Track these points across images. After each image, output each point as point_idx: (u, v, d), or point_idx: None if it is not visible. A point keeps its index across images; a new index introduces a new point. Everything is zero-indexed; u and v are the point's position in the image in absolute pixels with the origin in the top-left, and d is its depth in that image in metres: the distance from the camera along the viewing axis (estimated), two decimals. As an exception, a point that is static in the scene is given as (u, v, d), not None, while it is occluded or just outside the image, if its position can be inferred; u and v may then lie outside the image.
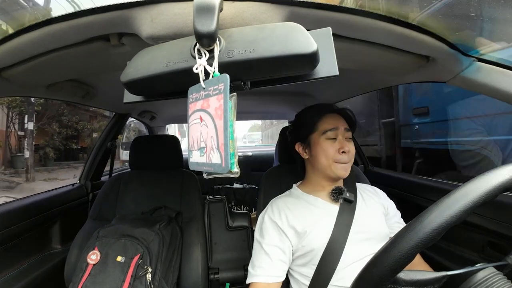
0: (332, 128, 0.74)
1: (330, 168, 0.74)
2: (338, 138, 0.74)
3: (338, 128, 0.74)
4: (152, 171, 1.19)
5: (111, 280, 0.75)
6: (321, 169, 0.76)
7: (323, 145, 0.74)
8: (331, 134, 0.74)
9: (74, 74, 0.77)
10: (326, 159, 0.74)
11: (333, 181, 0.78)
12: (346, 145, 0.73)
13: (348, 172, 0.75)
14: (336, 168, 0.73)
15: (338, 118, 0.77)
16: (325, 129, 0.75)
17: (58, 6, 0.49)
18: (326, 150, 0.73)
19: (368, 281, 0.36)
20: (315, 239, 0.70)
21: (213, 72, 0.37)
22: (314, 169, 0.80)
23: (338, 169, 0.73)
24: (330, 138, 0.74)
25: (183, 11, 0.42)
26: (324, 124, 0.75)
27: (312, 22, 0.46)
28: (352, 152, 0.74)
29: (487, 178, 0.35)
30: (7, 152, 7.60)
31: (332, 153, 0.73)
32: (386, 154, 2.53)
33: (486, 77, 0.60)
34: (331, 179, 0.78)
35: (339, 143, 0.73)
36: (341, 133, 0.75)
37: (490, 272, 0.37)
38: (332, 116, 0.77)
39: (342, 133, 0.75)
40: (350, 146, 0.74)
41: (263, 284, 0.68)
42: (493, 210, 0.74)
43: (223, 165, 0.35)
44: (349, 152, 0.73)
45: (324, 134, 0.74)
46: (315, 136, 0.76)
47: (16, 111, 7.44)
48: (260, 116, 2.82)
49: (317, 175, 0.79)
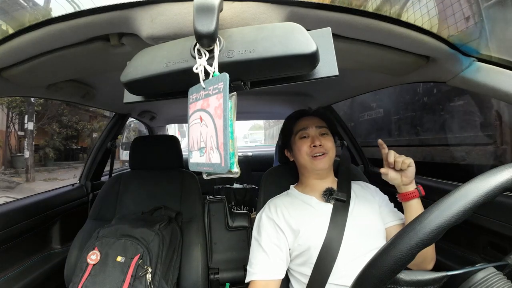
0: (303, 128, 0.83)
1: (309, 163, 0.80)
2: (310, 135, 0.82)
3: (308, 127, 0.82)
4: (152, 171, 1.19)
5: (111, 280, 0.75)
6: (303, 167, 0.83)
7: (297, 144, 0.82)
8: (302, 133, 0.83)
9: (74, 74, 0.77)
10: (302, 156, 0.81)
11: (320, 178, 0.82)
12: (317, 140, 0.79)
13: (327, 164, 0.79)
14: (313, 163, 0.79)
15: (311, 118, 0.85)
16: (298, 129, 0.84)
17: (58, 6, 0.49)
18: (300, 148, 0.81)
19: (368, 281, 0.36)
20: (310, 237, 0.71)
21: (213, 72, 0.37)
22: (300, 169, 0.87)
23: (315, 163, 0.79)
24: (302, 136, 0.82)
25: (183, 11, 0.42)
26: (297, 126, 0.85)
27: (312, 22, 0.46)
28: (327, 146, 0.80)
29: (487, 178, 0.35)
30: (7, 152, 7.61)
31: (306, 149, 0.80)
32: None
33: (486, 77, 0.60)
34: (316, 176, 0.82)
35: (310, 139, 0.81)
36: (313, 131, 0.82)
37: (490, 272, 0.37)
38: (305, 118, 0.86)
39: (314, 130, 0.82)
40: (324, 141, 0.80)
41: (262, 281, 0.69)
42: (493, 210, 0.74)
43: (223, 164, 0.35)
44: (322, 145, 0.79)
45: (297, 134, 0.83)
46: (292, 139, 0.85)
47: (16, 111, 7.45)
48: (260, 116, 2.82)
49: (304, 175, 0.85)
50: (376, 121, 2.61)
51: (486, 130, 1.58)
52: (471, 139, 1.67)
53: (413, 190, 0.72)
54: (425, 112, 2.00)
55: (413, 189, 0.72)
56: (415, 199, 0.71)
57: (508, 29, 0.71)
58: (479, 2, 0.84)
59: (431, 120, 1.95)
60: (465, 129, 1.71)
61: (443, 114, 1.84)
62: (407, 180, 0.71)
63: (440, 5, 0.82)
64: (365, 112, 2.76)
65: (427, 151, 1.97)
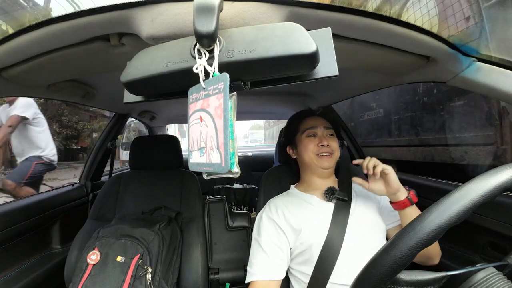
0: (311, 126, 0.83)
1: (313, 162, 0.80)
2: (317, 135, 0.82)
3: (317, 126, 0.83)
4: (152, 171, 1.19)
5: (111, 280, 0.75)
6: (307, 165, 0.83)
7: (304, 142, 0.82)
8: (310, 131, 0.83)
9: (74, 74, 0.77)
10: (308, 154, 0.81)
11: (322, 177, 0.82)
12: (325, 140, 0.80)
13: (331, 164, 0.80)
14: (318, 161, 0.79)
15: (318, 118, 0.86)
16: (305, 128, 0.84)
17: (58, 6, 0.49)
18: (307, 146, 0.81)
19: (368, 281, 0.36)
20: (311, 236, 0.71)
21: (213, 72, 0.37)
22: (303, 167, 0.87)
23: (320, 161, 0.79)
24: (310, 135, 0.83)
25: (183, 11, 0.42)
26: (305, 125, 0.85)
27: (312, 22, 0.46)
28: (333, 146, 0.81)
29: (487, 178, 0.35)
30: (7, 152, 7.60)
31: (313, 147, 0.80)
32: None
33: (486, 77, 0.60)
34: (319, 175, 0.82)
35: (318, 139, 0.81)
36: (320, 131, 0.83)
37: (490, 272, 0.37)
38: (312, 117, 0.87)
39: (322, 131, 0.83)
40: (330, 141, 0.81)
41: (262, 282, 0.69)
42: (493, 210, 0.74)
43: (223, 164, 0.35)
44: (329, 146, 0.80)
45: (305, 132, 0.83)
46: (298, 136, 0.85)
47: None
48: (260, 116, 2.82)
49: (307, 173, 0.85)
50: (376, 121, 2.60)
51: (486, 130, 1.59)
52: (471, 139, 1.67)
53: (403, 199, 0.69)
54: (425, 112, 2.00)
55: (403, 198, 0.69)
56: (408, 207, 0.69)
57: (508, 29, 0.71)
58: (479, 2, 0.84)
59: (431, 120, 1.95)
60: (465, 129, 1.71)
61: (443, 114, 1.84)
62: (392, 189, 0.69)
63: (440, 5, 0.82)
64: (365, 112, 2.75)
65: (427, 151, 1.97)
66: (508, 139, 1.47)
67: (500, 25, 0.72)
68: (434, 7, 0.72)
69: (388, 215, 0.79)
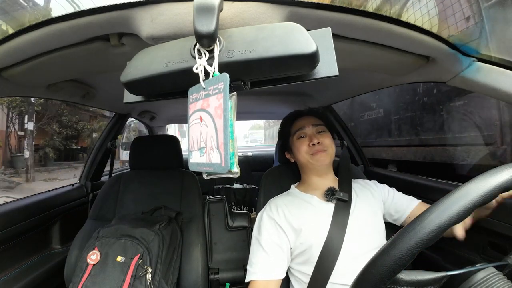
0: (300, 127, 0.84)
1: (309, 161, 0.81)
2: (307, 134, 0.82)
3: (305, 126, 0.83)
4: (152, 171, 1.19)
5: (111, 280, 0.75)
6: (304, 166, 0.84)
7: (296, 145, 0.83)
8: (300, 133, 0.84)
9: (74, 74, 0.77)
10: (302, 155, 0.81)
11: (321, 176, 0.82)
12: (315, 138, 0.80)
13: (326, 160, 0.79)
14: (313, 159, 0.80)
15: (306, 118, 0.86)
16: (295, 130, 0.85)
17: (58, 6, 0.49)
18: (299, 148, 0.82)
19: (368, 281, 0.36)
20: (312, 236, 0.71)
21: (213, 72, 0.37)
22: (301, 168, 0.87)
23: (315, 159, 0.79)
24: (300, 136, 0.83)
25: (183, 11, 0.42)
26: (295, 127, 0.86)
27: (312, 22, 0.46)
28: (325, 143, 0.80)
29: (487, 178, 0.35)
30: (7, 152, 7.60)
31: (305, 148, 0.81)
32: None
33: (486, 77, 0.60)
34: (318, 173, 0.83)
35: (308, 138, 0.82)
36: (309, 130, 0.83)
37: (490, 272, 0.37)
38: (301, 118, 0.87)
39: (311, 130, 0.83)
40: (321, 138, 0.81)
41: (262, 281, 0.69)
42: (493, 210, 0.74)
43: (223, 164, 0.35)
44: (321, 143, 0.80)
45: (295, 134, 0.84)
46: (291, 140, 0.86)
47: (16, 111, 7.45)
48: (260, 116, 2.82)
49: (306, 173, 0.86)
50: (376, 121, 2.60)
51: (486, 130, 1.59)
52: (471, 139, 1.68)
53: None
54: (425, 112, 2.00)
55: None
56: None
57: (508, 29, 0.71)
58: (479, 2, 0.84)
59: (431, 120, 1.96)
60: (465, 129, 1.72)
61: (443, 114, 1.85)
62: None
63: (440, 5, 0.82)
64: (365, 112, 2.75)
65: (427, 151, 1.97)
66: (508, 139, 1.49)
67: (500, 25, 0.72)
68: (434, 7, 0.72)
69: (401, 200, 0.81)
